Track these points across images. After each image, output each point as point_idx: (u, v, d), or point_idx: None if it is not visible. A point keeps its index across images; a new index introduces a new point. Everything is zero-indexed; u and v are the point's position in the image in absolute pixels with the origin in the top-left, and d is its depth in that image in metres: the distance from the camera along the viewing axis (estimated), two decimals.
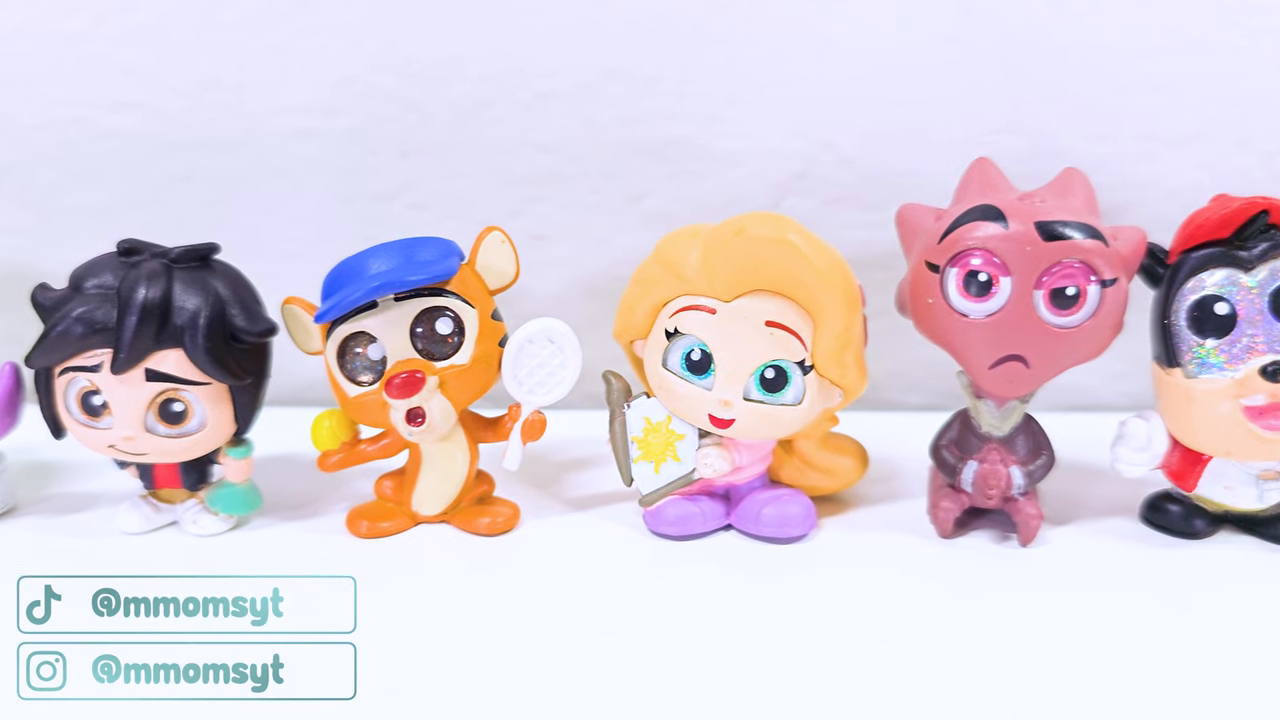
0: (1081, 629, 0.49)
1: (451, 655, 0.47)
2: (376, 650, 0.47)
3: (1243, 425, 0.53)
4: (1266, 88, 0.68)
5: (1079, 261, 0.51)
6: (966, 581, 0.53)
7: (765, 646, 0.47)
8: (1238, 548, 0.56)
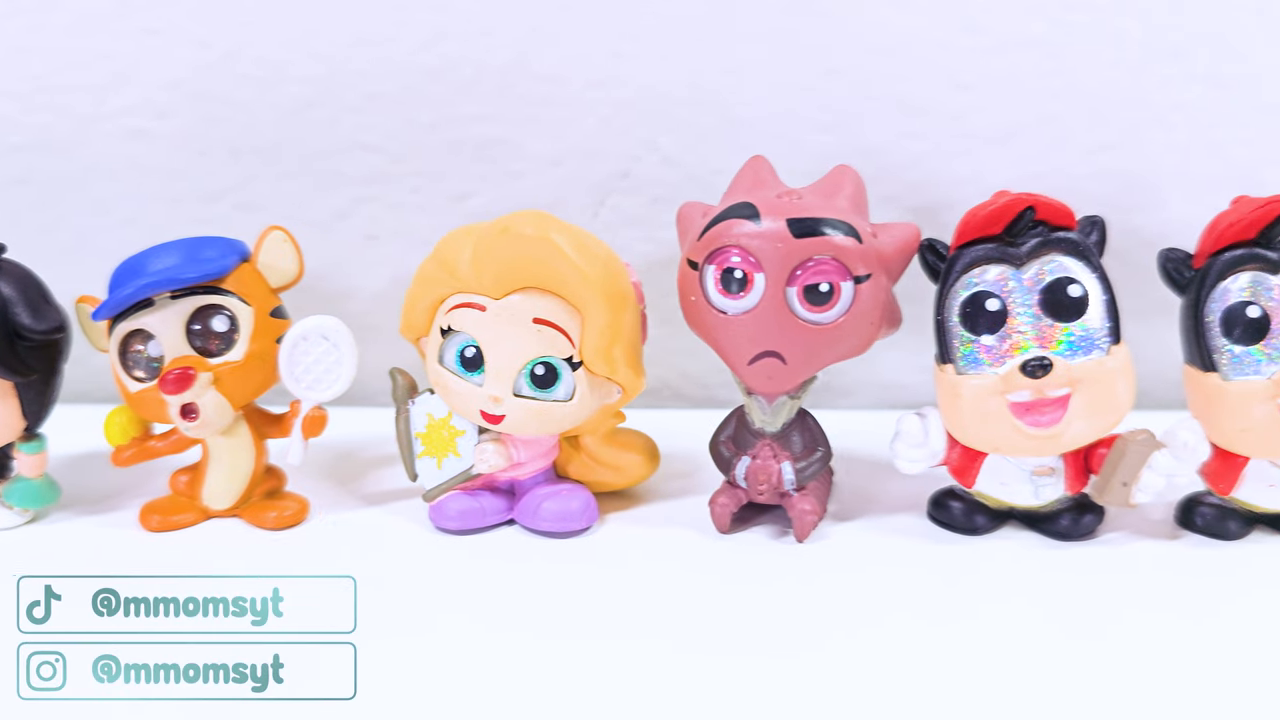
0: (848, 624, 0.49)
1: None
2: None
3: (1009, 422, 0.53)
4: (1082, 84, 0.69)
5: (830, 258, 0.51)
6: (737, 576, 0.53)
7: (530, 640, 0.48)
8: (1019, 543, 0.56)
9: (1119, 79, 0.68)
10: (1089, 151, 0.69)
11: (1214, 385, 0.54)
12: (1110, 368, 0.53)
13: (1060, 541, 0.56)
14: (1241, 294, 0.53)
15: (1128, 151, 0.70)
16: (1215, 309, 0.54)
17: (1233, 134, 0.70)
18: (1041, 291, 0.53)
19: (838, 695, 0.44)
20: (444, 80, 0.68)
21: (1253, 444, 0.54)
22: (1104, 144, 0.69)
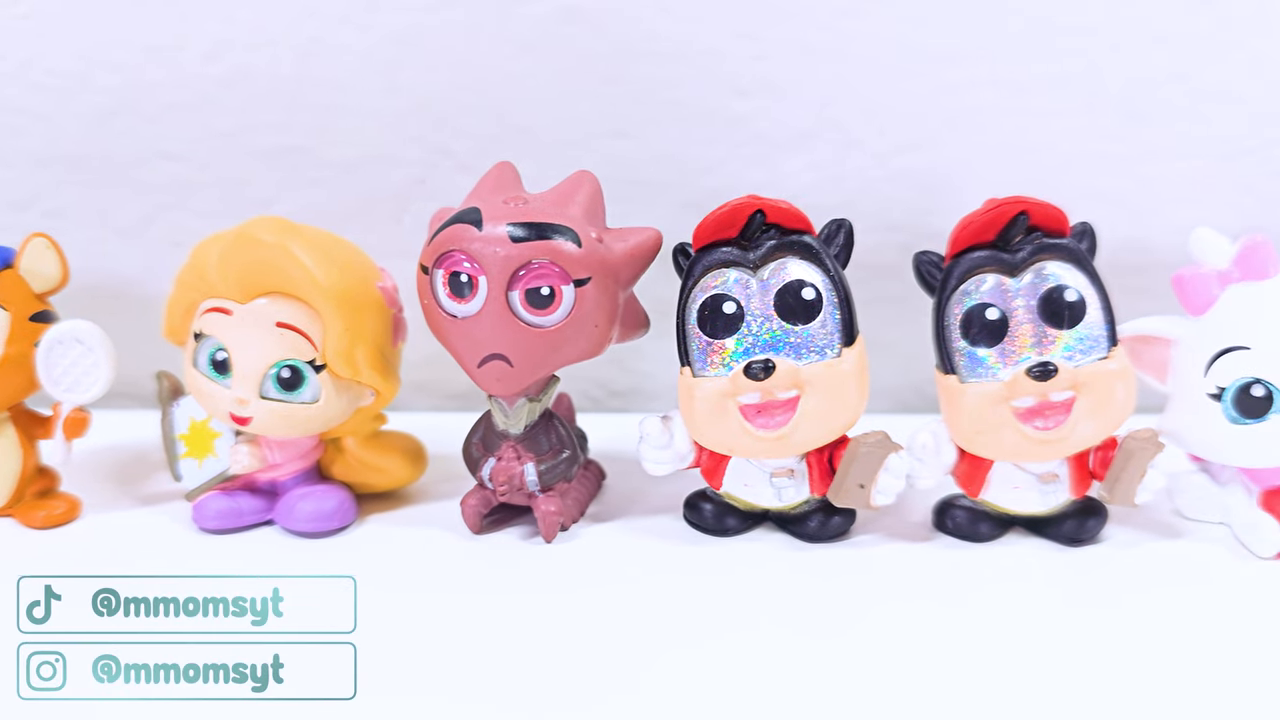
0: (586, 621, 0.50)
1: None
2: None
3: (738, 422, 0.54)
4: (868, 89, 0.69)
5: (549, 262, 0.52)
6: (486, 577, 0.54)
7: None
8: (768, 545, 0.57)
9: (908, 84, 0.69)
10: (884, 155, 0.70)
11: (953, 387, 0.54)
12: (844, 368, 0.54)
13: (809, 544, 0.57)
14: (981, 296, 0.54)
15: (924, 154, 0.70)
16: (956, 311, 0.55)
17: (1028, 136, 0.70)
18: (777, 294, 0.54)
19: (568, 695, 0.44)
20: (237, 89, 0.70)
21: (988, 447, 0.55)
22: (899, 147, 0.70)
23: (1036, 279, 0.54)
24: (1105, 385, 0.53)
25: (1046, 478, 0.56)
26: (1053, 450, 0.54)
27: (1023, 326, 0.53)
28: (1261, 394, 0.54)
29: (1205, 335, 0.56)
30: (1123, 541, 0.57)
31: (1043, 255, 0.54)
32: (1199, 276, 0.56)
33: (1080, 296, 0.54)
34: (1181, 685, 0.45)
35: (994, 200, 0.54)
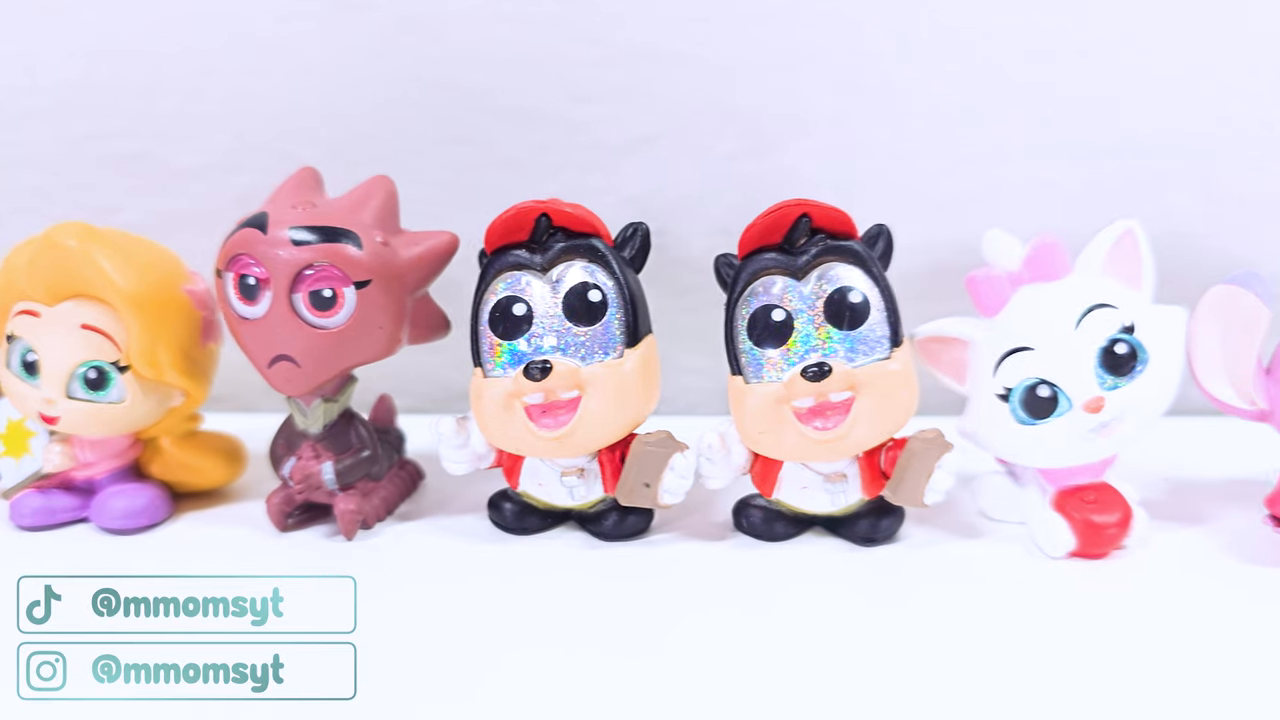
0: (385, 617, 0.50)
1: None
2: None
3: (523, 422, 0.54)
4: (712, 93, 0.70)
5: (330, 264, 0.54)
6: (286, 569, 0.55)
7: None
8: (566, 544, 0.58)
9: (747, 88, 0.70)
10: (724, 159, 0.71)
11: (740, 388, 0.55)
12: (626, 369, 0.55)
13: (605, 542, 0.58)
14: (767, 298, 0.55)
15: (764, 159, 0.71)
16: (743, 313, 0.55)
17: (866, 140, 0.71)
18: (565, 296, 0.55)
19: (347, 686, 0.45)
20: (87, 96, 0.71)
21: (771, 447, 0.55)
22: (739, 152, 0.71)
23: (821, 281, 0.54)
24: (884, 386, 0.54)
25: (833, 478, 0.56)
26: (831, 450, 0.54)
27: (807, 328, 0.54)
28: (1047, 394, 0.55)
29: (996, 336, 0.56)
30: (919, 541, 0.58)
31: (826, 257, 0.54)
32: (990, 278, 0.57)
33: (864, 298, 0.54)
34: (958, 685, 0.45)
35: (777, 203, 0.55)
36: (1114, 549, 0.56)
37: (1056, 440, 0.55)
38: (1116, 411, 0.54)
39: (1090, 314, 0.55)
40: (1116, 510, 0.56)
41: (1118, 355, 0.54)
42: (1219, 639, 0.49)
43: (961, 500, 0.60)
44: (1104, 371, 0.54)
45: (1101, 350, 0.54)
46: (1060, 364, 0.55)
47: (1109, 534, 0.56)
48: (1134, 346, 0.55)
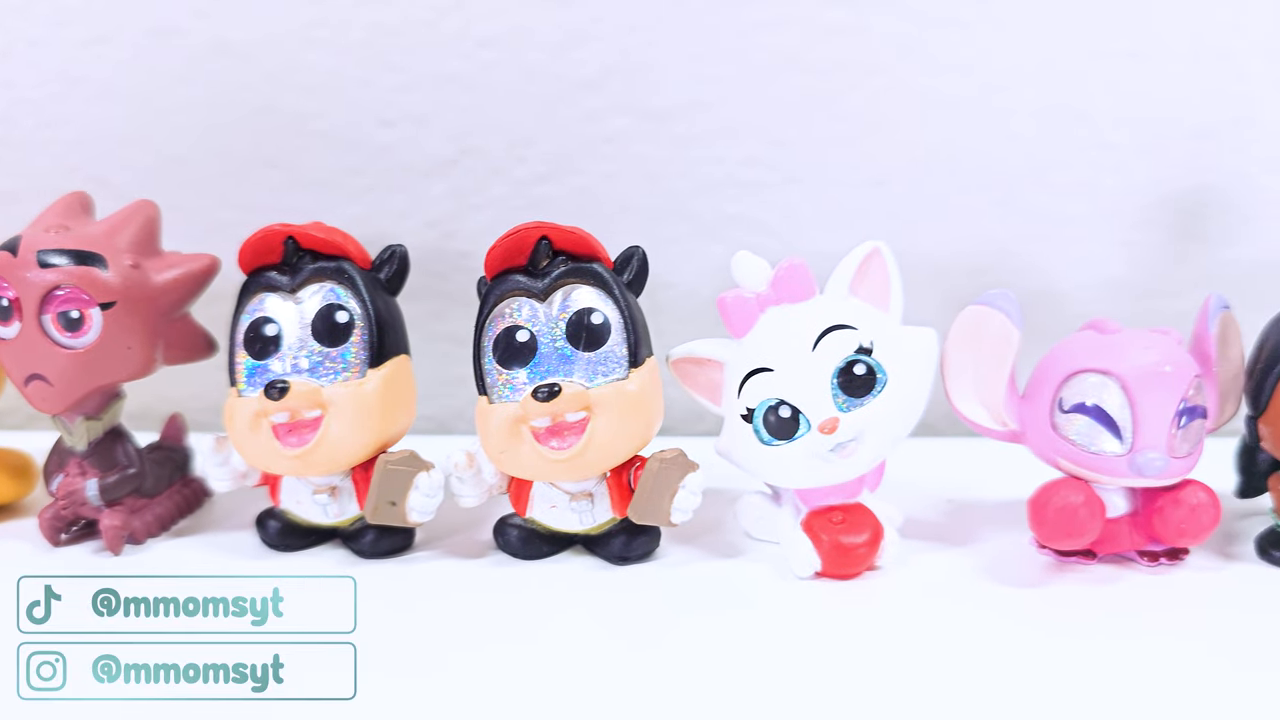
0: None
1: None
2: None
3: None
4: (511, 118, 0.71)
5: (75, 286, 0.55)
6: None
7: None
8: (323, 561, 0.58)
9: (548, 112, 0.71)
10: (524, 183, 0.72)
11: (484, 408, 0.56)
12: (369, 389, 0.55)
13: (362, 559, 0.58)
14: (513, 319, 0.55)
15: (564, 182, 0.72)
16: (490, 332, 0.56)
17: (668, 164, 0.72)
18: (313, 317, 0.56)
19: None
20: None
21: (511, 465, 0.56)
22: (540, 175, 0.72)
23: (563, 303, 0.55)
24: (620, 406, 0.54)
25: (579, 497, 0.57)
26: (567, 470, 0.55)
27: (549, 348, 0.55)
28: (788, 415, 0.55)
29: (742, 357, 0.57)
30: (674, 560, 0.58)
31: (568, 279, 0.55)
32: (739, 299, 0.57)
33: (604, 320, 0.55)
34: (676, 706, 0.45)
35: (518, 225, 0.55)
36: (863, 569, 0.56)
37: (796, 461, 0.55)
38: (853, 432, 0.54)
39: (827, 335, 0.55)
40: (865, 530, 0.56)
41: (855, 376, 0.55)
42: (953, 660, 0.49)
43: (726, 520, 0.61)
44: (841, 392, 0.55)
45: (838, 371, 0.55)
46: (798, 385, 0.55)
47: (855, 554, 0.56)
48: (871, 367, 0.55)
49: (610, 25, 0.69)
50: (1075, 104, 0.71)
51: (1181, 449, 0.55)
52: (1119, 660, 0.48)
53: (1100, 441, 0.55)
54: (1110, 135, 0.71)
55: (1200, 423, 0.56)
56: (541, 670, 0.47)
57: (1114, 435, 0.54)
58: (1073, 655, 0.49)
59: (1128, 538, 0.57)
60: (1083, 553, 0.58)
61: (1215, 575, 0.57)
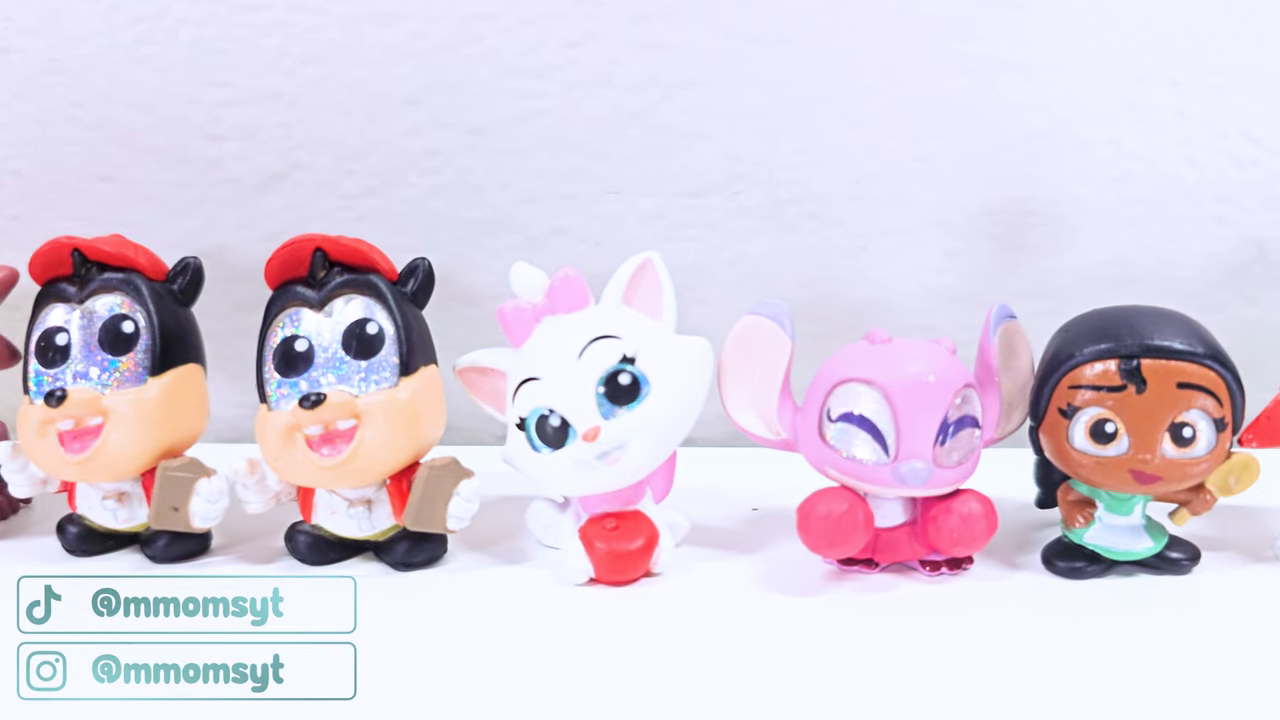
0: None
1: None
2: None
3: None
4: (337, 132, 0.72)
5: None
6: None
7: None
8: (120, 564, 0.58)
9: (371, 127, 0.72)
10: (353, 197, 0.73)
11: (263, 415, 0.57)
12: (150, 396, 0.56)
13: (155, 564, 0.58)
14: (291, 329, 0.57)
15: (390, 196, 0.73)
16: (271, 342, 0.57)
17: (493, 176, 0.73)
18: (100, 328, 0.57)
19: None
20: None
21: (286, 472, 0.57)
22: (367, 189, 0.73)
23: (339, 312, 0.56)
24: (388, 414, 0.55)
25: (356, 503, 0.58)
26: (335, 477, 0.56)
27: (325, 356, 0.56)
28: (557, 424, 0.56)
29: (519, 367, 0.57)
30: (460, 566, 0.59)
31: (345, 290, 0.57)
32: (517, 310, 0.58)
33: (379, 329, 0.56)
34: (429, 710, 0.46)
35: (294, 237, 0.57)
36: (638, 576, 0.57)
37: (566, 469, 0.56)
38: (618, 440, 0.55)
39: (592, 345, 0.56)
40: (638, 538, 0.57)
41: (619, 385, 0.55)
42: (713, 665, 0.49)
43: (522, 527, 0.61)
44: (605, 401, 0.55)
45: (602, 380, 0.55)
46: (564, 394, 0.56)
47: (626, 561, 0.57)
48: (635, 376, 0.56)
49: (429, 43, 0.70)
50: (887, 116, 0.72)
51: (950, 459, 0.56)
52: (872, 666, 0.49)
53: (865, 451, 0.55)
54: (923, 147, 0.72)
55: (971, 432, 0.56)
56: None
57: (879, 444, 0.55)
58: (829, 660, 0.49)
59: (908, 547, 0.58)
60: (864, 562, 0.59)
61: (994, 585, 0.57)
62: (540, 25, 0.69)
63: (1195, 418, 0.55)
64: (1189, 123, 0.72)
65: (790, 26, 0.70)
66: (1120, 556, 0.58)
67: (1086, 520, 0.58)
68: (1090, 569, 0.58)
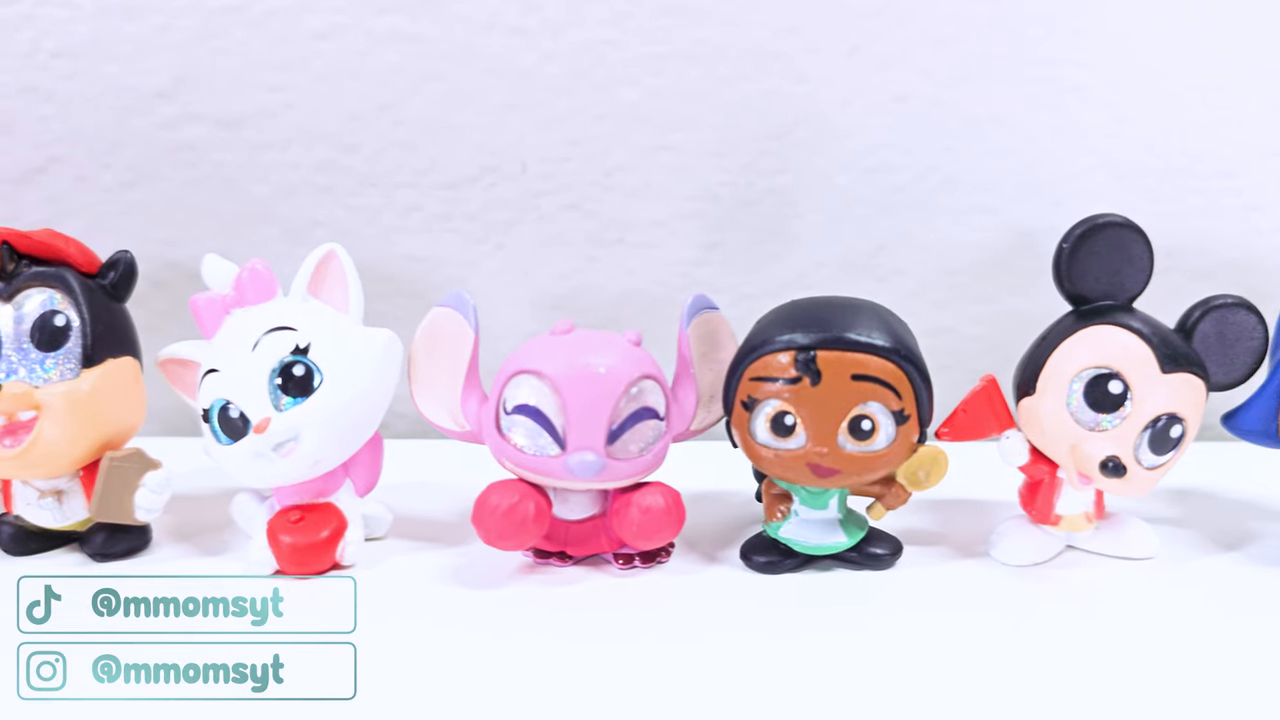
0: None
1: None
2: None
3: None
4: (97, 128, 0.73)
5: None
6: None
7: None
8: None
9: (118, 120, 0.72)
10: (113, 190, 0.74)
11: None
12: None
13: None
14: None
15: (147, 189, 0.74)
16: None
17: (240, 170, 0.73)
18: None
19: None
20: None
21: None
22: (124, 183, 0.73)
23: (26, 304, 0.57)
24: (68, 405, 0.56)
25: (45, 494, 0.58)
26: (15, 468, 0.56)
27: (14, 348, 0.56)
28: (236, 415, 0.56)
29: (207, 358, 0.58)
30: (162, 557, 0.58)
31: (31, 283, 0.57)
32: (209, 301, 0.58)
33: (66, 321, 0.56)
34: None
35: None
36: (322, 568, 0.57)
37: (245, 460, 0.56)
38: (290, 432, 0.55)
39: (267, 336, 0.56)
40: (323, 530, 0.57)
41: (293, 376, 0.55)
42: (383, 657, 0.48)
43: None
44: (279, 392, 0.55)
45: (275, 371, 0.55)
46: (239, 385, 0.56)
47: (307, 554, 0.56)
48: (309, 367, 0.56)
49: (177, 36, 0.71)
50: (634, 107, 0.71)
51: (628, 450, 0.55)
52: (541, 664, 0.48)
53: (538, 443, 0.55)
54: (671, 138, 0.71)
55: (653, 424, 0.56)
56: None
57: (550, 436, 0.55)
58: (501, 654, 0.49)
59: (600, 540, 0.58)
60: (557, 554, 0.58)
61: (686, 579, 0.57)
62: (286, 19, 0.70)
63: (874, 411, 0.54)
64: (943, 111, 0.72)
65: (531, 18, 0.70)
66: (814, 550, 0.57)
67: (784, 514, 0.58)
68: (785, 563, 0.57)
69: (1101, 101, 0.73)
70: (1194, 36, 0.73)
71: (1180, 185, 0.73)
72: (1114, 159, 0.74)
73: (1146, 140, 0.74)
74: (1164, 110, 0.73)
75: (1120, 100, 0.73)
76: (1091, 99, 0.73)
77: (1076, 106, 0.73)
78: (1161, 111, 0.73)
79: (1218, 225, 0.74)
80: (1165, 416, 0.55)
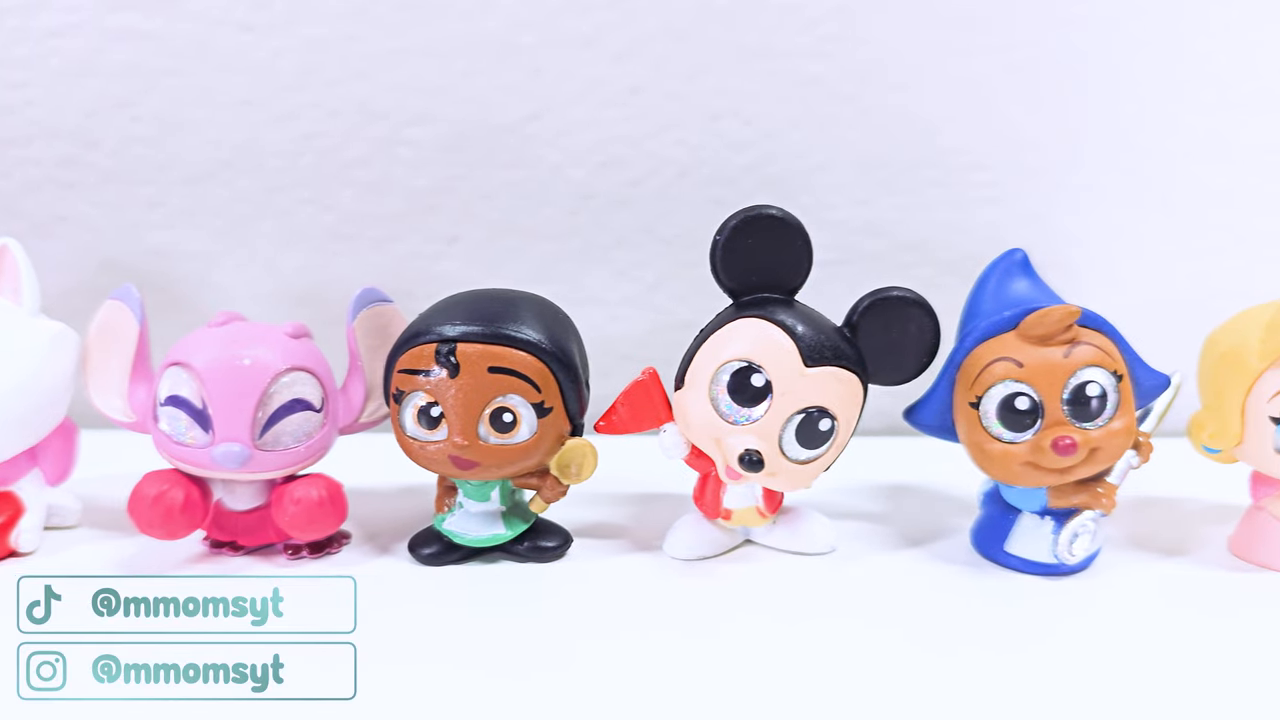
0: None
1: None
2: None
3: None
4: None
5: None
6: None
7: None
8: None
9: None
10: None
11: None
12: None
13: None
14: None
15: None
16: None
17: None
18: None
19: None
20: None
21: None
22: None
23: None
24: None
25: None
26: None
27: None
28: None
29: None
30: None
31: None
32: None
33: None
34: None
35: None
36: None
37: None
38: None
39: None
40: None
41: None
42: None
43: None
44: None
45: None
46: None
47: None
48: None
49: None
50: (367, 102, 0.72)
51: (280, 442, 0.56)
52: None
53: (189, 433, 0.55)
54: (406, 132, 0.71)
55: (308, 415, 0.56)
56: None
57: (199, 427, 0.55)
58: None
59: (269, 530, 0.58)
60: (228, 544, 0.59)
61: (357, 569, 0.56)
62: (21, 16, 0.70)
63: (515, 403, 0.54)
64: (678, 105, 0.71)
65: (260, 15, 0.71)
66: (473, 543, 0.57)
67: (450, 506, 0.58)
68: (448, 555, 0.58)
69: (843, 95, 0.72)
70: (946, 28, 0.72)
71: (923, 178, 0.73)
72: (857, 151, 0.73)
73: (888, 132, 0.73)
74: (909, 102, 0.73)
75: (863, 93, 0.72)
76: (831, 90, 0.72)
77: (817, 97, 0.72)
78: (907, 104, 0.73)
79: (962, 218, 0.73)
80: (813, 410, 0.54)
